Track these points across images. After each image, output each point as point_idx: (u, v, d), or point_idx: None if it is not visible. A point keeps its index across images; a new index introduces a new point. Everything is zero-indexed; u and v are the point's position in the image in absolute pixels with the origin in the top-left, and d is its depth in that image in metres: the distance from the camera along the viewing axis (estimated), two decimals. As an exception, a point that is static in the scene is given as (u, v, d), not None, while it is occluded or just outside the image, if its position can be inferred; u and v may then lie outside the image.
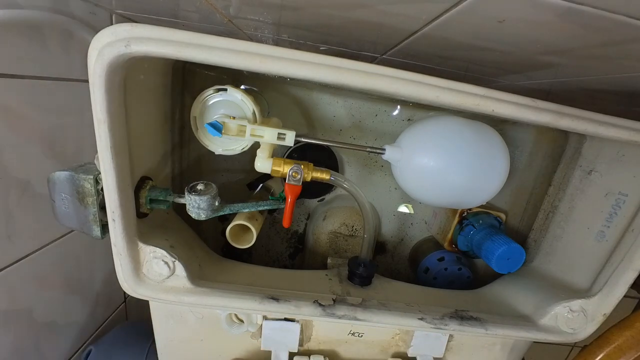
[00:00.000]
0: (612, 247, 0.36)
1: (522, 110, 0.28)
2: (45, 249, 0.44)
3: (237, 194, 0.48)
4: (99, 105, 0.24)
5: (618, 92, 0.36)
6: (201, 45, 0.24)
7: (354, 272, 0.38)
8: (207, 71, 0.41)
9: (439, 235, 0.48)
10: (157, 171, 0.36)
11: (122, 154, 0.27)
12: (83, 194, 0.30)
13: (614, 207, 0.37)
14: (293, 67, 0.25)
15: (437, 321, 0.35)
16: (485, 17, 0.22)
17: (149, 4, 0.35)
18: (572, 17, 0.19)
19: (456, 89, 0.27)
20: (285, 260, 0.52)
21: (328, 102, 0.45)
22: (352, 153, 0.47)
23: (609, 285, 0.35)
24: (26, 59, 0.37)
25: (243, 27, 0.39)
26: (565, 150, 0.44)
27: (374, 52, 0.40)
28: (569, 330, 0.36)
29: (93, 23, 0.43)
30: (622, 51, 0.24)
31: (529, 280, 0.43)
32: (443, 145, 0.34)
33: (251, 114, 0.32)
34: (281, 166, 0.31)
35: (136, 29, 0.23)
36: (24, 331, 0.43)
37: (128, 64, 0.25)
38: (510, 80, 0.43)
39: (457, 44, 0.29)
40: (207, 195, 0.30)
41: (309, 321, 0.38)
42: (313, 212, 0.51)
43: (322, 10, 0.27)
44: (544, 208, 0.46)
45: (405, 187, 0.38)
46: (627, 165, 0.36)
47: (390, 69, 0.26)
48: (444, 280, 0.46)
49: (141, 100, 0.31)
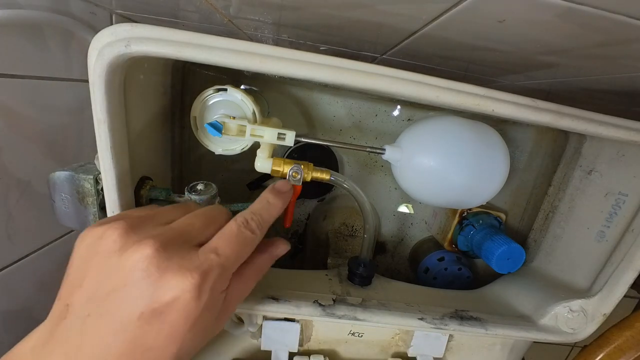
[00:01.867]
0: (612, 247, 0.36)
1: (522, 110, 0.28)
2: (45, 249, 0.44)
3: (237, 194, 0.48)
4: (99, 105, 0.24)
5: (618, 92, 0.36)
6: (201, 45, 0.24)
7: (354, 272, 0.38)
8: (207, 71, 0.41)
9: (439, 235, 0.48)
10: (157, 171, 0.36)
11: (122, 154, 0.27)
12: (83, 194, 0.30)
13: (614, 207, 0.37)
14: (293, 67, 0.25)
15: (437, 321, 0.35)
16: (485, 17, 0.22)
17: (149, 4, 0.35)
18: (572, 17, 0.19)
19: (456, 89, 0.27)
20: (285, 260, 0.52)
21: (328, 102, 0.45)
22: (352, 153, 0.47)
23: (609, 285, 0.35)
24: (26, 59, 0.37)
25: (243, 27, 0.39)
26: (565, 150, 0.44)
27: (374, 52, 0.40)
28: (569, 330, 0.36)
29: (93, 23, 0.43)
30: (622, 51, 0.24)
31: (529, 280, 0.43)
32: (443, 145, 0.34)
33: (251, 114, 0.32)
34: (281, 166, 0.31)
35: (136, 29, 0.23)
36: (24, 331, 0.43)
37: (128, 64, 0.25)
38: (510, 80, 0.43)
39: (457, 44, 0.29)
40: (207, 195, 0.30)
41: (309, 321, 0.38)
42: (313, 212, 0.51)
43: (322, 10, 0.27)
44: (544, 208, 0.46)
45: (405, 187, 0.38)
46: (627, 165, 0.36)
47: (390, 69, 0.26)
48: (444, 280, 0.46)
49: (141, 101, 0.31)
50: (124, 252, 0.20)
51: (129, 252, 0.20)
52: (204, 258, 0.21)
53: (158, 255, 0.20)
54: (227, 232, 0.24)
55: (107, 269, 0.20)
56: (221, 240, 0.23)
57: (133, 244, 0.20)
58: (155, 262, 0.20)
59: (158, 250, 0.20)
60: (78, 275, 0.21)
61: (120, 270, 0.20)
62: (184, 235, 0.23)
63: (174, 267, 0.20)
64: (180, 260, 0.21)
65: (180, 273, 0.20)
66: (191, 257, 0.21)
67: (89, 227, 0.22)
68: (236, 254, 0.23)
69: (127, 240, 0.21)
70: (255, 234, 0.25)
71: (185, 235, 0.23)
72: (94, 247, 0.21)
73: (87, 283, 0.20)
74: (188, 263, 0.21)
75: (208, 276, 0.21)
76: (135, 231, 0.21)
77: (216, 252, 0.22)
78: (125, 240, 0.21)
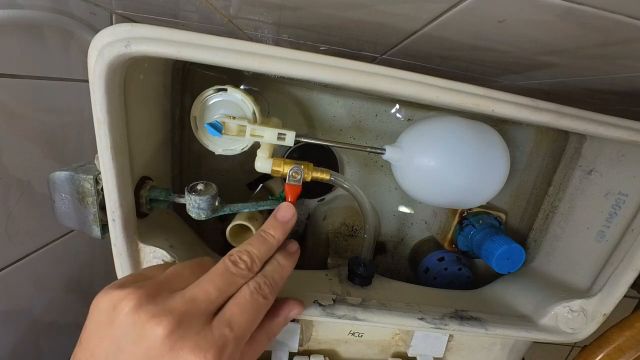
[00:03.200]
0: (612, 247, 0.36)
1: (522, 110, 0.28)
2: (45, 249, 0.44)
3: (237, 194, 0.48)
4: (99, 105, 0.24)
5: (618, 92, 0.36)
6: (201, 45, 0.24)
7: (354, 272, 0.38)
8: (207, 71, 0.41)
9: (439, 235, 0.48)
10: (157, 171, 0.36)
11: (122, 154, 0.27)
12: (83, 194, 0.30)
13: (614, 207, 0.37)
14: (293, 67, 0.25)
15: (437, 321, 0.35)
16: (485, 17, 0.22)
17: (149, 4, 0.35)
18: (572, 17, 0.19)
19: (456, 89, 0.27)
20: (285, 260, 0.52)
21: (328, 102, 0.45)
22: (352, 153, 0.47)
23: (609, 285, 0.35)
24: (26, 59, 0.37)
25: (243, 27, 0.39)
26: (565, 150, 0.44)
27: (374, 52, 0.40)
28: (569, 330, 0.36)
29: (93, 23, 0.43)
30: (622, 51, 0.24)
31: (529, 280, 0.43)
32: (443, 145, 0.34)
33: (251, 114, 0.32)
34: (281, 166, 0.31)
35: (136, 29, 0.23)
36: (24, 331, 0.43)
37: (128, 64, 0.25)
38: (510, 80, 0.43)
39: (457, 44, 0.29)
40: (207, 195, 0.30)
41: (309, 321, 0.38)
42: (313, 212, 0.51)
43: (322, 10, 0.27)
44: (544, 208, 0.46)
45: (405, 187, 0.38)
46: (627, 165, 0.36)
47: (390, 69, 0.26)
48: (444, 280, 0.46)
49: (141, 100, 0.31)
50: (140, 328, 0.20)
51: (144, 329, 0.20)
52: (218, 334, 0.21)
53: (172, 336, 0.20)
54: (242, 300, 0.24)
55: (120, 343, 0.20)
56: (236, 310, 0.23)
57: (148, 320, 0.20)
58: (169, 343, 0.20)
59: (172, 331, 0.20)
60: (91, 343, 0.21)
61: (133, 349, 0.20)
62: (200, 306, 0.22)
63: (190, 346, 0.20)
64: (196, 337, 0.21)
65: (195, 354, 0.20)
66: (206, 333, 0.21)
67: (106, 288, 0.22)
68: (249, 323, 0.23)
69: (141, 315, 0.20)
70: (268, 299, 0.25)
71: (201, 306, 0.22)
72: (108, 316, 0.21)
73: (99, 353, 0.20)
74: (203, 342, 0.21)
75: (223, 353, 0.21)
76: (151, 301, 0.21)
77: (230, 326, 0.22)
78: (139, 315, 0.20)
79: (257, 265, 0.26)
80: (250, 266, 0.25)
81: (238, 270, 0.25)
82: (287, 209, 0.29)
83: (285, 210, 0.29)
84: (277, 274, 0.27)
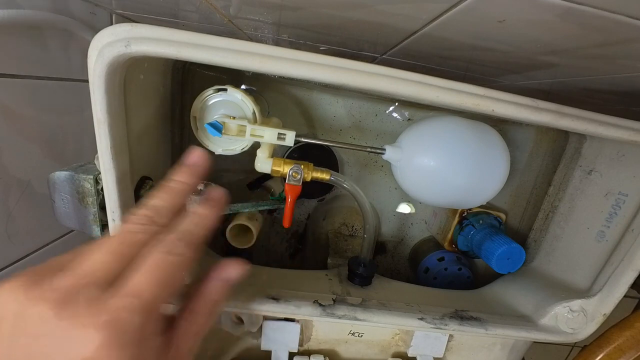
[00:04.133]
0: (612, 247, 0.36)
1: (522, 110, 0.28)
2: (45, 249, 0.44)
3: (237, 194, 0.48)
4: (99, 105, 0.24)
5: (618, 92, 0.36)
6: (201, 45, 0.24)
7: (354, 272, 0.38)
8: (207, 71, 0.41)
9: (439, 235, 0.48)
10: (157, 171, 0.36)
11: (122, 154, 0.27)
12: (83, 194, 0.30)
13: (614, 207, 0.37)
14: (293, 67, 0.25)
15: (437, 321, 0.35)
16: (485, 17, 0.22)
17: (149, 4, 0.35)
18: (572, 17, 0.19)
19: (456, 89, 0.27)
20: (285, 260, 0.52)
21: (328, 102, 0.45)
22: (352, 153, 0.47)
23: (609, 285, 0.35)
24: (26, 59, 0.37)
25: (243, 27, 0.39)
26: (565, 150, 0.44)
27: (374, 52, 0.40)
28: (569, 330, 0.36)
29: (93, 23, 0.43)
30: (622, 51, 0.24)
31: (529, 280, 0.43)
32: (443, 145, 0.34)
33: (251, 114, 0.32)
34: (281, 166, 0.31)
35: (136, 29, 0.23)
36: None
37: (128, 64, 0.25)
38: (510, 80, 0.43)
39: (457, 44, 0.29)
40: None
41: (309, 321, 0.38)
42: (313, 212, 0.51)
43: (322, 10, 0.27)
44: (544, 208, 0.46)
45: (405, 187, 0.38)
46: (627, 165, 0.36)
47: (390, 69, 0.26)
48: (444, 280, 0.46)
49: (141, 100, 0.31)
50: (23, 314, 0.17)
51: (29, 314, 0.17)
52: (115, 305, 0.18)
53: (61, 314, 0.17)
54: (149, 260, 0.20)
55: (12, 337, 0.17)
56: (140, 275, 0.19)
57: (32, 305, 0.17)
58: (57, 323, 0.17)
59: (59, 309, 0.17)
60: None
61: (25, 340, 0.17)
62: (93, 277, 0.19)
63: (82, 322, 0.17)
64: (86, 311, 0.17)
65: (85, 329, 0.17)
66: (98, 305, 0.17)
67: None
68: (161, 286, 0.19)
69: (24, 301, 0.17)
70: (183, 255, 0.21)
71: (94, 276, 0.19)
72: None
73: None
74: (96, 314, 0.17)
75: (124, 325, 0.17)
76: (37, 285, 0.18)
77: (133, 293, 0.18)
78: (21, 302, 0.17)
79: (162, 215, 0.22)
80: (153, 218, 0.21)
81: (138, 227, 0.21)
82: (194, 151, 0.25)
83: (192, 153, 0.25)
84: (194, 225, 0.22)
